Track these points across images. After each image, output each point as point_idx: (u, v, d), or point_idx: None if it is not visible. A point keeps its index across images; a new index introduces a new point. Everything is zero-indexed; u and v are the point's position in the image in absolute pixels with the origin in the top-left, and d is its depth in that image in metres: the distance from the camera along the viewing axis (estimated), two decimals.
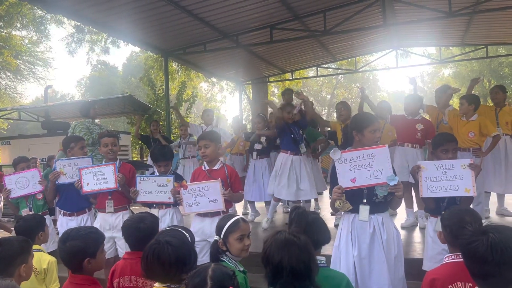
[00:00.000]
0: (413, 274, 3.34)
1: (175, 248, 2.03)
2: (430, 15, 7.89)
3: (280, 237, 1.89)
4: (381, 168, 2.81)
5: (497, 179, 5.73)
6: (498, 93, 5.89)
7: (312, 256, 1.86)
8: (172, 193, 3.73)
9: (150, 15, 6.93)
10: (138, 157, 14.62)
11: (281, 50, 10.46)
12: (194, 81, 17.22)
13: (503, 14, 8.29)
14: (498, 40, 11.33)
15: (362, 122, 3.01)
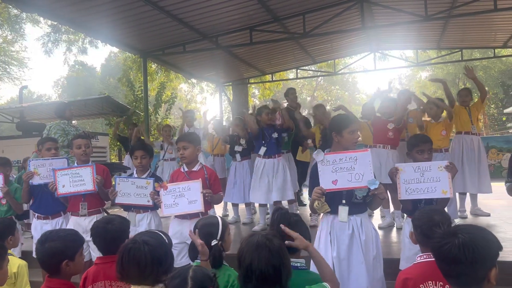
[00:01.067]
0: (391, 274, 3.37)
1: (152, 247, 2.01)
2: (407, 19, 8.03)
3: (253, 240, 1.88)
4: (362, 172, 2.85)
5: (471, 180, 5.87)
6: (468, 95, 6.09)
7: (284, 261, 1.85)
8: (151, 195, 3.69)
9: (128, 15, 6.84)
10: (116, 159, 14.43)
11: (261, 52, 10.47)
12: (174, 82, 17.08)
13: (476, 19, 8.51)
14: (472, 44, 11.60)
15: (341, 123, 3.03)
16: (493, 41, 10.49)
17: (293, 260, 2.31)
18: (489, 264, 1.52)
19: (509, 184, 3.15)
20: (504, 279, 3.81)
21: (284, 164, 5.87)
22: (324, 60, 12.94)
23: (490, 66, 22.80)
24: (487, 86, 23.53)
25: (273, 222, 2.43)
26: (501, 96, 24.30)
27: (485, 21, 8.90)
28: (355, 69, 21.10)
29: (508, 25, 9.04)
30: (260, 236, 1.91)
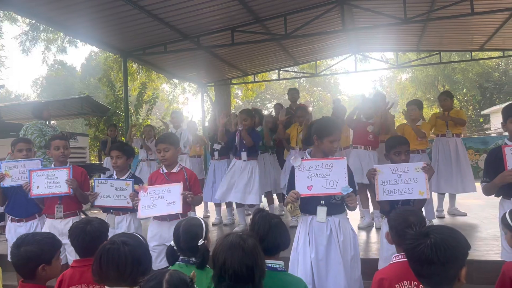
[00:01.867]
0: (370, 274, 3.40)
1: (132, 247, 1.99)
2: (387, 21, 8.13)
3: (227, 240, 1.89)
4: (337, 178, 2.94)
5: (449, 180, 6.00)
6: (447, 99, 6.21)
7: (258, 261, 1.85)
8: (131, 197, 3.65)
9: (108, 14, 6.75)
10: (96, 160, 14.22)
11: (243, 53, 10.46)
12: (156, 82, 16.92)
13: (454, 22, 8.67)
14: (450, 47, 11.83)
15: (324, 130, 3.06)
16: (470, 44, 10.71)
17: (272, 261, 2.32)
18: (460, 264, 1.56)
19: (485, 184, 3.21)
20: (482, 277, 3.92)
21: (254, 168, 5.85)
22: (306, 61, 13.01)
23: (468, 68, 23.28)
24: (465, 88, 24.08)
25: (254, 224, 2.43)
26: (478, 98, 24.84)
27: (462, 25, 9.08)
28: (336, 70, 21.29)
29: (484, 28, 9.25)
30: (235, 236, 1.91)
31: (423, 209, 5.32)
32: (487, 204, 6.30)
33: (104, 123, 12.72)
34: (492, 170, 3.13)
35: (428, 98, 24.68)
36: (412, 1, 7.54)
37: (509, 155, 2.98)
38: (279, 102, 11.10)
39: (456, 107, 24.98)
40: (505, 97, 23.22)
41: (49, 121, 5.99)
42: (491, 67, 24.68)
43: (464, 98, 25.60)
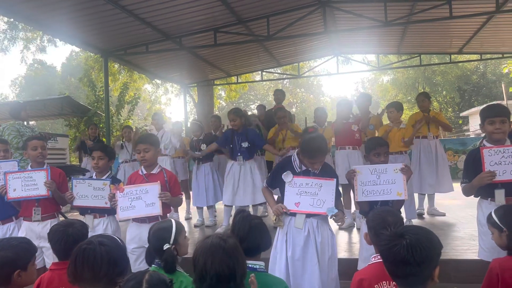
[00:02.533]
0: (350, 274, 3.42)
1: (109, 247, 1.97)
2: (368, 24, 8.23)
3: (208, 241, 1.89)
4: (324, 199, 3.02)
5: (429, 181, 6.11)
6: (425, 100, 6.32)
7: (239, 261, 1.87)
8: (109, 197, 3.60)
9: (89, 13, 6.66)
10: (77, 161, 14.01)
11: (226, 54, 10.44)
12: (138, 83, 16.77)
13: (434, 25, 8.83)
14: (430, 49, 12.03)
15: (309, 153, 3.05)
16: (449, 47, 10.91)
17: (252, 262, 2.33)
18: (434, 264, 1.58)
19: (465, 184, 3.26)
20: (459, 276, 3.99)
21: (253, 167, 5.88)
22: (288, 63, 13.07)
23: (447, 71, 23.72)
24: (445, 91, 24.51)
25: (234, 225, 2.43)
26: (457, 100, 25.31)
27: (441, 28, 9.24)
28: (319, 72, 21.43)
29: (463, 32, 9.43)
30: (215, 237, 1.92)
31: (404, 209, 5.44)
32: (465, 204, 6.41)
33: (85, 123, 12.54)
34: (471, 171, 3.18)
35: (409, 100, 25.04)
36: (392, 4, 7.65)
37: (487, 157, 3.04)
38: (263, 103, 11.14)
39: (436, 109, 25.44)
40: (483, 99, 23.71)
41: (27, 122, 5.87)
42: (470, 70, 25.19)
43: (443, 100, 26.06)
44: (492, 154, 3.02)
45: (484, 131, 3.23)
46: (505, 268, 2.32)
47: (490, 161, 3.01)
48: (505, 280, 2.28)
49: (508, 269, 2.30)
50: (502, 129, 3.07)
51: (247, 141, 5.81)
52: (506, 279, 2.28)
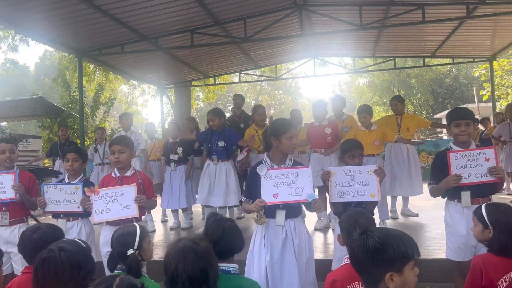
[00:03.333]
0: (325, 275, 3.46)
1: (70, 252, 1.93)
2: (343, 27, 8.34)
3: (179, 245, 1.88)
4: (302, 186, 2.97)
5: (401, 183, 6.22)
6: (398, 104, 6.44)
7: (211, 263, 1.86)
8: (81, 202, 3.53)
9: (62, 12, 6.53)
10: (50, 163, 13.70)
11: (203, 55, 10.41)
12: (114, 83, 16.53)
13: (407, 29, 9.02)
14: (404, 53, 12.28)
15: (280, 129, 3.06)
16: (423, 51, 11.16)
17: (226, 264, 2.32)
18: (385, 268, 1.55)
19: (432, 186, 3.34)
20: (430, 275, 4.08)
21: (228, 168, 5.87)
22: (266, 65, 13.12)
23: (421, 74, 24.22)
24: (419, 93, 25.03)
25: (207, 228, 2.42)
26: (431, 103, 25.88)
27: (415, 32, 9.45)
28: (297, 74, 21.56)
29: (435, 36, 9.66)
30: (187, 240, 1.90)
31: (378, 210, 5.52)
32: (438, 204, 6.54)
33: (59, 125, 12.27)
34: (438, 173, 3.27)
35: (384, 102, 25.46)
36: (367, 9, 7.78)
37: (453, 160, 3.12)
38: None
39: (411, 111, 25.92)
40: (455, 102, 24.33)
41: None
42: (443, 73, 25.80)
43: (418, 103, 26.61)
44: (458, 157, 3.11)
45: (450, 133, 3.32)
46: (487, 263, 2.39)
47: (456, 164, 3.10)
48: (488, 275, 2.35)
49: (490, 264, 2.38)
50: (467, 131, 3.17)
51: (223, 140, 5.81)
52: (489, 274, 2.35)
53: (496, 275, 2.33)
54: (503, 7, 7.25)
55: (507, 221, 2.42)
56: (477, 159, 3.10)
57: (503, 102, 13.71)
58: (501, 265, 2.35)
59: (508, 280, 2.31)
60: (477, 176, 3.08)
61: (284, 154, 3.11)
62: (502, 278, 2.32)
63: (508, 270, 2.33)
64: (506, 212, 2.46)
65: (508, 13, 7.21)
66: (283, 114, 32.93)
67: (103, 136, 7.76)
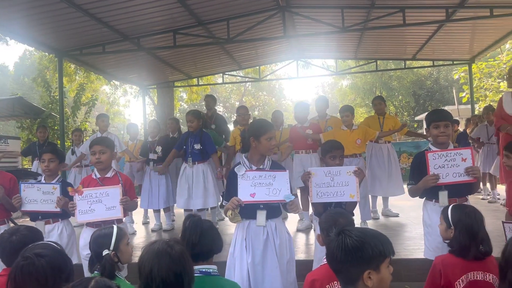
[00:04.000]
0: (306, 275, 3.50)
1: (48, 257, 1.90)
2: (326, 29, 8.41)
3: (154, 247, 1.86)
4: (280, 187, 2.98)
5: (382, 184, 6.31)
6: (381, 103, 6.54)
7: (186, 267, 1.85)
8: (58, 201, 3.48)
9: (41, 11, 6.42)
10: (29, 164, 13.45)
11: (186, 55, 10.36)
12: (95, 84, 16.33)
13: (388, 32, 9.14)
14: (386, 55, 12.44)
15: (259, 130, 3.07)
16: (404, 53, 11.32)
17: (206, 266, 2.32)
18: (363, 267, 1.58)
19: (411, 186, 3.39)
20: (409, 275, 4.13)
21: (205, 170, 5.85)
22: (249, 66, 13.12)
23: (403, 76, 24.56)
24: (401, 95, 25.37)
25: (185, 230, 2.41)
26: (412, 105, 26.26)
27: (396, 35, 9.58)
28: (281, 76, 21.68)
29: (416, 39, 9.81)
30: (161, 243, 1.89)
31: (359, 211, 5.57)
32: (418, 205, 6.63)
33: (38, 126, 12.06)
34: (417, 173, 3.32)
35: (366, 104, 25.73)
36: (349, 11, 7.86)
37: (431, 160, 3.18)
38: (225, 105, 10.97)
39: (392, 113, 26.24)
40: (436, 104, 24.71)
41: None
42: (424, 76, 26.21)
43: (399, 104, 26.97)
44: (436, 157, 3.16)
45: (429, 134, 3.38)
46: (446, 264, 2.44)
47: (434, 164, 3.16)
48: (447, 275, 2.40)
49: (449, 265, 2.43)
50: (446, 133, 3.23)
51: (200, 143, 5.79)
52: (448, 274, 2.40)
53: (454, 275, 2.38)
54: (481, 11, 7.41)
55: (468, 223, 2.45)
56: (455, 159, 3.16)
57: (481, 104, 14.00)
58: (459, 266, 2.39)
59: (465, 281, 2.37)
60: (454, 176, 3.14)
61: (263, 155, 3.12)
62: (460, 279, 2.37)
63: (465, 271, 2.38)
64: (469, 214, 2.50)
65: (486, 17, 7.36)
66: (267, 115, 32.99)
67: (80, 138, 7.64)
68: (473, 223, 2.46)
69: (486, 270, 2.40)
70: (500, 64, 13.43)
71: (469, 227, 2.44)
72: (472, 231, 2.43)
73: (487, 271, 2.40)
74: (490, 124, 7.67)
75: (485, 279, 2.38)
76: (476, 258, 2.40)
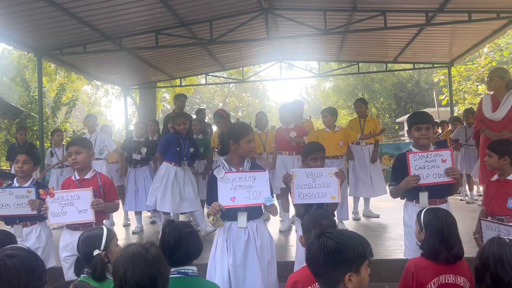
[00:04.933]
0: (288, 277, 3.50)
1: (20, 257, 1.86)
2: (308, 32, 8.46)
3: (129, 250, 1.85)
4: (260, 190, 2.97)
5: (364, 185, 6.38)
6: (362, 106, 6.61)
7: (161, 270, 1.83)
8: (31, 203, 3.42)
9: (20, 9, 6.28)
10: (7, 165, 13.16)
11: (169, 56, 10.29)
12: (76, 84, 16.04)
13: (370, 35, 9.25)
14: (368, 58, 12.57)
15: (239, 132, 3.07)
16: (385, 56, 11.46)
17: (184, 267, 2.30)
18: (345, 269, 1.58)
19: (392, 187, 3.44)
20: (389, 275, 4.18)
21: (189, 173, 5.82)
22: (232, 67, 13.10)
23: (385, 79, 24.85)
24: (382, 97, 25.68)
25: (164, 235, 2.38)
26: (394, 107, 26.59)
27: (377, 38, 9.70)
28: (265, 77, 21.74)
29: (397, 42, 9.94)
30: (136, 246, 1.87)
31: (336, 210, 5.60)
32: (399, 206, 6.73)
33: (17, 126, 11.81)
34: (398, 174, 3.37)
35: (349, 106, 25.94)
36: (331, 14, 7.93)
37: (412, 161, 3.23)
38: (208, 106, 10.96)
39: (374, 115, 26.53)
40: (417, 106, 25.07)
41: None
42: (405, 78, 26.57)
43: (381, 106, 27.28)
44: (417, 159, 3.21)
45: (411, 136, 3.43)
46: (419, 267, 2.46)
47: (415, 165, 3.21)
48: (419, 278, 2.42)
49: (421, 268, 2.45)
50: (427, 135, 3.29)
51: (192, 146, 5.77)
52: (420, 277, 2.42)
53: (426, 278, 2.40)
54: (460, 15, 7.56)
55: (438, 227, 2.46)
56: (435, 160, 3.21)
57: (460, 106, 14.26)
58: (430, 269, 2.42)
59: (437, 284, 2.39)
60: (435, 177, 3.20)
61: (242, 158, 3.12)
62: (431, 282, 2.39)
63: (437, 274, 2.40)
64: (440, 218, 2.50)
65: (465, 22, 7.51)
66: (251, 117, 33.00)
67: (61, 138, 7.50)
68: (444, 227, 2.46)
69: (458, 273, 2.42)
70: (478, 67, 13.71)
71: (439, 231, 2.45)
72: (442, 235, 2.44)
73: (459, 274, 2.42)
74: (469, 126, 7.83)
75: (456, 282, 2.40)
76: (447, 262, 2.42)
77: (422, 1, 7.32)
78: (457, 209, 6.86)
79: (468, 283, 2.41)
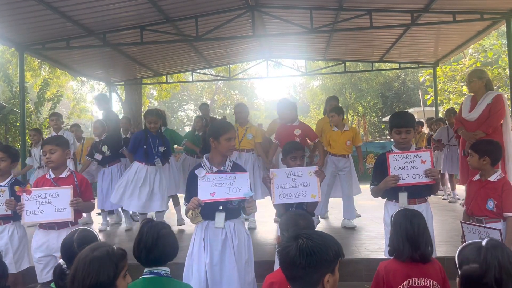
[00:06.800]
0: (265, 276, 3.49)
1: None
2: (295, 30, 8.45)
3: (81, 254, 1.82)
4: (240, 186, 2.97)
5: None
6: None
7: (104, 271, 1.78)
8: (7, 203, 3.34)
9: (1, 3, 6.15)
10: None
11: (154, 52, 10.18)
12: (61, 79, 15.86)
13: (356, 34, 9.27)
14: (354, 57, 12.62)
15: (219, 130, 3.06)
16: (372, 55, 11.51)
17: (157, 268, 2.28)
18: (323, 270, 1.56)
19: (373, 186, 3.44)
20: (370, 275, 4.16)
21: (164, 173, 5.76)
22: (219, 64, 13.05)
23: (372, 78, 25.01)
24: (369, 96, 25.84)
25: (142, 235, 2.35)
26: (380, 106, 26.77)
27: (364, 37, 9.73)
28: (252, 75, 21.67)
29: (383, 41, 9.98)
30: (86, 249, 1.85)
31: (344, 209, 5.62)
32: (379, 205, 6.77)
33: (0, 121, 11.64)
34: (379, 174, 3.38)
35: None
36: (318, 12, 7.92)
37: (392, 162, 3.24)
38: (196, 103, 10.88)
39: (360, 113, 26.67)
40: (403, 105, 25.28)
41: None
42: (392, 78, 26.77)
43: (368, 106, 27.45)
44: (397, 159, 3.22)
45: (391, 138, 3.44)
46: (389, 270, 2.45)
47: (395, 165, 3.22)
48: (389, 281, 2.42)
49: (391, 270, 2.44)
50: (407, 139, 3.32)
51: (163, 145, 5.67)
52: (390, 280, 2.42)
53: (396, 281, 2.40)
54: (444, 16, 7.60)
55: (403, 225, 2.45)
56: (414, 161, 3.22)
57: (445, 106, 14.40)
58: (400, 272, 2.41)
59: (406, 287, 2.39)
60: (414, 178, 3.21)
61: (224, 156, 3.11)
62: (401, 285, 2.39)
63: (406, 277, 2.39)
64: (407, 217, 2.49)
65: (449, 22, 7.57)
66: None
67: (39, 138, 7.29)
68: (408, 226, 2.44)
69: (427, 276, 2.41)
70: (463, 68, 13.87)
71: (404, 230, 2.44)
72: (407, 234, 2.42)
73: (428, 277, 2.41)
74: (451, 126, 7.90)
75: (425, 285, 2.39)
76: (413, 261, 2.40)
77: (407, 1, 7.35)
78: (439, 208, 6.92)
79: (437, 285, 2.41)
